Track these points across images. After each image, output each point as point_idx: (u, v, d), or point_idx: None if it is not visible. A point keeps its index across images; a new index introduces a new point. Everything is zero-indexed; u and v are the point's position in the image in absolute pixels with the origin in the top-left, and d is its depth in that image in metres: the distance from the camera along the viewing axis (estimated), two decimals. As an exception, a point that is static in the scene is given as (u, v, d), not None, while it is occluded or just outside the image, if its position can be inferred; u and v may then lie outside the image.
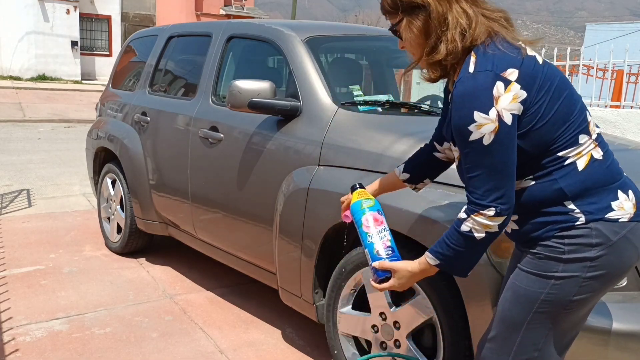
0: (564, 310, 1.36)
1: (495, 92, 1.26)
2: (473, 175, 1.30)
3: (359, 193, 1.63)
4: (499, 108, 1.26)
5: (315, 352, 2.63)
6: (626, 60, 6.03)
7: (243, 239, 2.77)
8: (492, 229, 1.30)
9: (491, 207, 1.29)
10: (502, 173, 1.28)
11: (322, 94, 2.47)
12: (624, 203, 1.34)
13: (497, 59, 1.29)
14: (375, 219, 1.57)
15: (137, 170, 3.51)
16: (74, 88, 17.06)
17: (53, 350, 2.54)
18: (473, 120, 1.26)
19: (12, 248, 3.86)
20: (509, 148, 1.28)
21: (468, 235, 1.32)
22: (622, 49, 5.93)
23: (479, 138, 1.27)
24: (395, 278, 1.47)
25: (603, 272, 1.33)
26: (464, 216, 1.32)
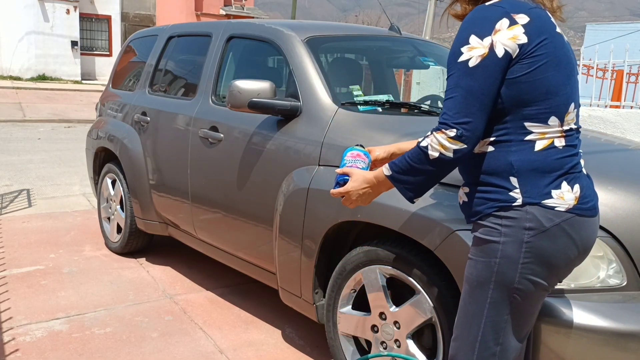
0: (515, 295, 1.38)
1: (498, 25, 1.31)
2: (449, 97, 1.34)
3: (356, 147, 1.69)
4: (495, 38, 1.31)
5: (315, 352, 2.63)
6: (626, 60, 6.03)
7: (243, 239, 2.78)
8: (447, 151, 1.33)
9: (454, 128, 1.32)
10: (476, 100, 1.32)
11: (322, 94, 2.47)
12: (565, 193, 1.36)
13: (513, 2, 1.35)
14: (359, 154, 1.64)
15: (137, 170, 3.52)
16: (74, 88, 17.06)
17: (53, 350, 2.54)
18: (467, 42, 1.32)
19: (12, 248, 3.86)
20: (490, 78, 1.31)
21: (424, 150, 1.36)
22: (622, 49, 5.93)
23: (466, 59, 1.32)
24: (351, 181, 1.56)
25: (539, 257, 1.35)
26: (428, 134, 1.37)
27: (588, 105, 6.28)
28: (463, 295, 1.47)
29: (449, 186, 1.90)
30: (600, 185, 1.76)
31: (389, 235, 2.10)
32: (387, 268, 2.04)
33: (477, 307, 1.42)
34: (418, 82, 9.56)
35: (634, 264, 1.70)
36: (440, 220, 1.83)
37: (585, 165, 1.87)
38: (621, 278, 1.69)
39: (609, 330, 1.58)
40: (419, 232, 1.88)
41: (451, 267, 1.80)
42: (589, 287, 1.68)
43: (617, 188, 1.76)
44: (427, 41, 3.33)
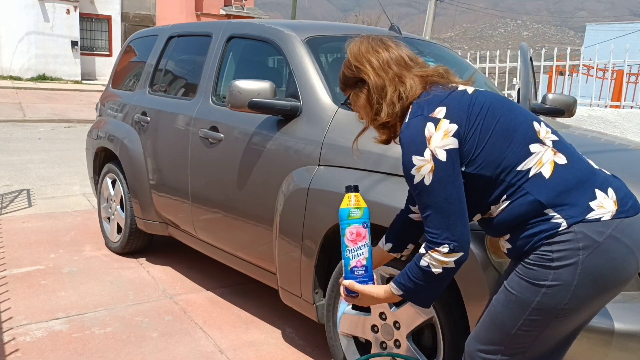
0: (556, 319, 1.36)
1: (427, 133, 1.36)
2: (425, 216, 1.38)
3: (350, 197, 1.60)
4: (432, 147, 1.34)
5: (315, 352, 2.63)
6: (626, 60, 6.03)
7: (243, 238, 2.77)
8: (449, 264, 1.36)
9: (444, 244, 1.35)
10: (448, 211, 1.35)
11: (322, 93, 2.47)
12: (603, 201, 1.35)
13: (427, 103, 1.41)
14: (358, 233, 1.57)
15: (137, 170, 3.52)
16: (74, 88, 17.07)
17: (53, 350, 2.54)
18: (413, 164, 1.36)
19: (12, 248, 3.86)
20: (449, 184, 1.35)
21: (426, 270, 1.38)
22: (622, 49, 5.93)
23: (420, 180, 1.36)
24: (360, 299, 1.56)
25: (594, 277, 1.32)
26: (423, 252, 1.39)
27: (588, 105, 6.28)
28: (496, 303, 1.43)
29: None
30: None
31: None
32: (387, 268, 2.04)
33: (509, 320, 1.39)
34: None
35: (634, 264, 1.70)
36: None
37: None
38: (621, 278, 1.69)
39: (609, 330, 1.58)
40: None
41: (451, 267, 1.80)
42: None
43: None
44: (427, 41, 3.34)
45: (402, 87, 1.46)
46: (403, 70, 1.48)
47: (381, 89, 1.47)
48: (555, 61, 6.44)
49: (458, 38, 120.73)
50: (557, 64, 6.51)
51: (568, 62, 6.21)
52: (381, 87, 1.47)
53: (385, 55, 1.49)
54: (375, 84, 1.48)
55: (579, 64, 6.98)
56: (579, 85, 6.96)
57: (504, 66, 7.08)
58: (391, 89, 1.46)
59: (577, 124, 5.50)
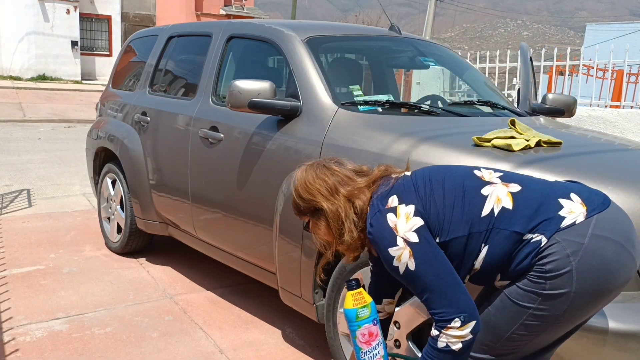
0: (555, 324, 1.38)
1: (390, 223, 1.38)
2: (425, 299, 1.39)
3: (354, 296, 1.56)
4: (402, 234, 1.37)
5: (315, 352, 2.63)
6: (626, 60, 6.03)
7: (243, 239, 2.78)
8: (466, 337, 1.36)
9: (455, 319, 1.35)
10: (443, 286, 1.36)
11: (322, 94, 2.47)
12: (571, 206, 1.37)
13: (379, 199, 1.46)
14: (370, 333, 1.54)
15: (137, 170, 3.52)
16: (74, 88, 17.07)
17: (53, 350, 2.54)
18: (392, 256, 1.38)
19: (12, 248, 3.86)
20: (433, 261, 1.36)
21: (446, 349, 1.37)
22: (622, 49, 5.93)
23: (405, 268, 1.37)
24: None
25: (592, 281, 1.33)
26: (436, 333, 1.38)
27: (588, 106, 6.28)
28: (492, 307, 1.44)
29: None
30: (600, 185, 1.76)
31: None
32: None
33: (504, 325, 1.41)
34: (418, 82, 9.56)
35: (634, 264, 1.70)
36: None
37: (585, 165, 1.87)
38: (621, 278, 1.69)
39: (609, 330, 1.58)
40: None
41: (451, 267, 1.80)
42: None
43: (617, 188, 1.76)
44: (427, 41, 3.34)
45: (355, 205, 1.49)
46: (350, 189, 1.51)
47: (337, 215, 1.50)
48: (555, 61, 6.44)
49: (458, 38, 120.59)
50: (557, 64, 6.51)
51: (568, 62, 6.21)
52: (337, 213, 1.50)
53: (332, 181, 1.53)
54: (331, 211, 1.51)
55: (579, 64, 6.98)
56: (579, 85, 6.96)
57: (504, 66, 7.08)
58: (346, 211, 1.49)
59: (577, 124, 5.50)
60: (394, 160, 2.06)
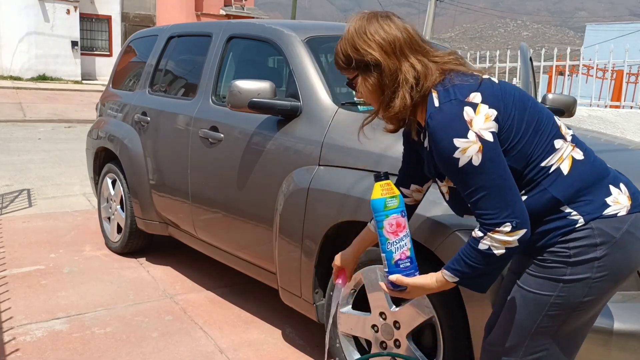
0: (574, 312, 1.36)
1: (466, 116, 1.28)
2: (477, 198, 1.30)
3: (383, 187, 1.49)
4: (476, 130, 1.28)
5: (315, 352, 2.63)
6: (626, 61, 6.03)
7: (243, 238, 2.78)
8: (512, 244, 1.29)
9: (506, 223, 1.27)
10: (504, 188, 1.28)
11: (322, 94, 2.47)
12: (618, 197, 1.35)
13: (457, 89, 1.33)
14: (398, 223, 1.47)
15: (137, 170, 3.52)
16: (74, 88, 17.07)
17: (53, 350, 2.54)
18: (455, 147, 1.28)
19: (12, 248, 3.86)
20: (500, 163, 1.29)
21: (487, 253, 1.30)
22: (622, 49, 5.93)
23: (468, 161, 1.28)
24: (409, 292, 1.46)
25: (611, 272, 1.32)
26: (481, 234, 1.30)
27: (588, 106, 6.28)
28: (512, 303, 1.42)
29: (449, 186, 1.90)
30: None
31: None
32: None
33: (528, 320, 1.38)
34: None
35: (634, 264, 1.70)
36: (440, 220, 1.83)
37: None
38: (621, 278, 1.69)
39: (609, 330, 1.58)
40: (419, 232, 1.88)
41: (451, 267, 1.80)
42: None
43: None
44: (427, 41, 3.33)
45: (414, 77, 1.35)
46: (417, 55, 1.37)
47: (395, 77, 1.36)
48: (555, 61, 6.44)
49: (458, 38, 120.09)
50: (557, 64, 6.51)
51: (568, 62, 6.21)
52: (395, 75, 1.36)
53: (400, 38, 1.36)
54: (389, 70, 1.36)
55: (579, 64, 6.98)
56: (579, 85, 6.96)
57: (504, 66, 7.08)
58: (406, 76, 1.35)
59: (577, 124, 5.50)
60: (394, 160, 2.06)
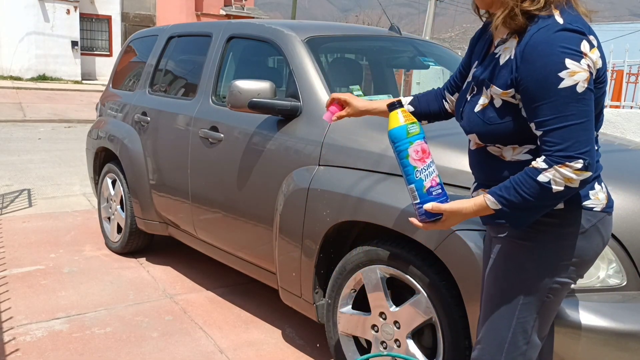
0: (547, 298, 1.38)
1: (582, 47, 1.24)
2: (559, 127, 1.23)
3: (398, 115, 1.43)
4: (589, 62, 1.24)
5: (315, 352, 2.63)
6: (626, 61, 6.03)
7: (243, 238, 2.78)
8: (574, 183, 1.24)
9: (580, 160, 1.22)
10: (591, 125, 1.25)
11: (322, 94, 2.47)
12: (599, 193, 1.38)
13: (582, 23, 1.28)
14: (423, 149, 1.40)
15: (137, 170, 3.52)
16: (74, 88, 17.07)
17: (53, 350, 2.54)
18: (565, 67, 1.22)
19: (12, 248, 3.86)
20: (593, 101, 1.26)
21: (545, 186, 1.25)
22: (622, 49, 5.93)
23: (571, 85, 1.22)
24: (445, 220, 1.40)
25: (577, 259, 1.36)
26: (545, 166, 1.25)
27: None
28: (489, 297, 1.44)
29: (450, 186, 1.90)
30: (600, 185, 1.76)
31: (389, 235, 2.10)
32: (387, 268, 2.04)
33: (507, 310, 1.40)
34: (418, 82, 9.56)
35: (634, 264, 1.70)
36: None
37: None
38: (621, 278, 1.70)
39: (609, 330, 1.58)
40: (419, 232, 1.88)
41: (451, 267, 1.80)
42: (589, 287, 1.68)
43: (617, 188, 1.76)
44: (427, 41, 3.34)
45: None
46: None
47: None
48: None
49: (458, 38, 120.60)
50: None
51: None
52: None
53: None
54: None
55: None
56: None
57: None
58: None
59: (577, 124, 5.48)
60: (394, 160, 2.06)
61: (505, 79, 1.33)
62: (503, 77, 1.33)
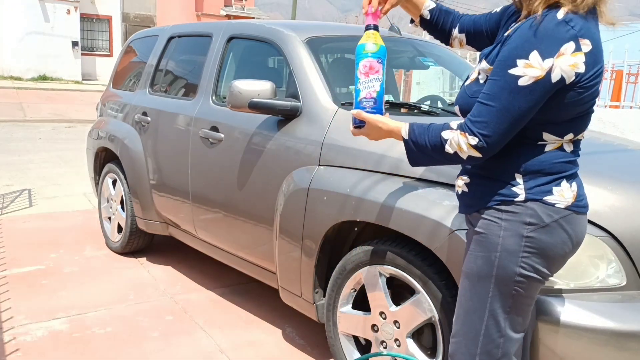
0: (514, 291, 1.40)
1: (564, 48, 1.26)
2: (484, 102, 1.32)
3: (368, 35, 1.56)
4: (556, 62, 1.25)
5: (315, 352, 2.63)
6: (626, 60, 6.04)
7: (243, 238, 2.78)
8: (463, 154, 1.35)
9: (476, 137, 1.32)
10: (510, 119, 1.30)
11: (322, 94, 2.47)
12: (564, 191, 1.39)
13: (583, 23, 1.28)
14: (371, 66, 1.54)
15: (137, 170, 3.52)
16: (74, 88, 17.07)
17: (54, 349, 2.54)
18: (526, 56, 1.26)
19: (12, 248, 3.86)
20: (532, 102, 1.29)
21: (442, 141, 1.37)
22: (621, 49, 5.93)
23: (517, 75, 1.27)
24: (366, 129, 1.54)
25: (538, 250, 1.37)
26: (455, 127, 1.36)
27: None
28: (462, 291, 1.48)
29: (450, 186, 1.90)
30: (600, 185, 1.77)
31: (389, 235, 2.10)
32: (387, 268, 2.04)
33: (478, 302, 1.43)
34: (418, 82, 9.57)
35: (634, 264, 1.70)
36: (440, 220, 1.83)
37: (585, 165, 1.87)
38: (621, 278, 1.70)
39: (609, 330, 1.58)
40: (419, 232, 1.89)
41: (451, 267, 1.81)
42: (588, 287, 1.68)
43: (617, 188, 1.76)
44: (427, 41, 3.34)
45: None
46: None
47: None
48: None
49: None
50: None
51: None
52: None
53: None
54: None
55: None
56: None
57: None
58: None
59: (577, 124, 5.49)
60: (395, 160, 2.06)
61: (494, 55, 1.37)
62: (494, 53, 1.38)
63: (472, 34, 1.69)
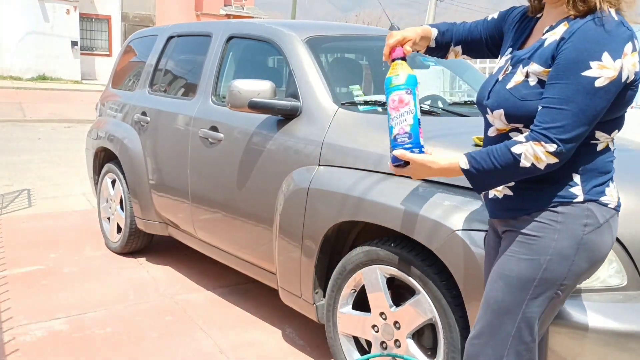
0: (557, 293, 1.38)
1: (626, 48, 1.28)
2: (556, 107, 1.28)
3: (394, 67, 1.52)
4: (624, 62, 1.27)
5: (315, 352, 2.63)
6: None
7: (243, 238, 2.77)
8: (541, 164, 1.30)
9: (554, 144, 1.28)
10: (587, 121, 1.29)
11: (322, 94, 2.47)
12: (613, 191, 1.41)
13: (629, 25, 1.32)
14: (400, 99, 1.48)
15: (137, 170, 3.51)
16: (74, 88, 17.07)
17: (53, 350, 2.54)
18: (599, 58, 1.26)
19: (12, 248, 3.86)
20: (607, 102, 1.29)
21: (516, 157, 1.32)
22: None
23: (593, 77, 1.26)
24: (414, 170, 1.49)
25: (590, 254, 1.37)
26: (522, 140, 1.32)
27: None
28: (492, 292, 1.43)
29: (449, 186, 1.90)
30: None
31: (389, 235, 2.10)
32: (387, 268, 2.04)
33: (513, 303, 1.39)
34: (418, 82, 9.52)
35: (635, 264, 1.70)
36: (440, 221, 1.83)
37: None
38: (622, 278, 1.69)
39: (610, 330, 1.58)
40: (420, 232, 1.88)
41: (451, 267, 1.80)
42: (589, 287, 1.68)
43: (617, 188, 1.76)
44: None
45: None
46: None
47: None
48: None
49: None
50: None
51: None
52: None
53: None
54: None
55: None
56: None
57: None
58: None
59: (577, 124, 5.49)
60: (394, 160, 2.06)
61: (546, 58, 1.35)
62: (544, 55, 1.36)
63: (469, 43, 1.69)
